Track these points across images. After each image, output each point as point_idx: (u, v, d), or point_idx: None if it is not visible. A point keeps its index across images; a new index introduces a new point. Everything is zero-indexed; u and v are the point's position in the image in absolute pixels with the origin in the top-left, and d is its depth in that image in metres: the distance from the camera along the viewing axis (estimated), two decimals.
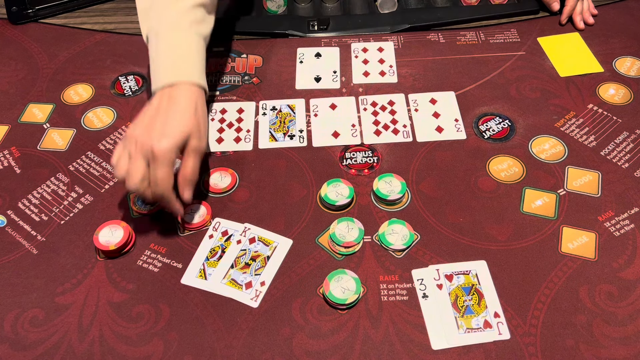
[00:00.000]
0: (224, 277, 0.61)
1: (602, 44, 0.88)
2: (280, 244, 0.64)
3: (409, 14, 0.93)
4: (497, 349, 0.56)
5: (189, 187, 0.62)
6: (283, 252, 0.63)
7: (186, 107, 0.62)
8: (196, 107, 0.63)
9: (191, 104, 0.63)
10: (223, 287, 0.60)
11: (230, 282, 0.61)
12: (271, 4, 0.93)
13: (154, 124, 0.60)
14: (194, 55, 0.66)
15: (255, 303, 0.59)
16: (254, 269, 0.62)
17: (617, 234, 0.64)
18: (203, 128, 0.63)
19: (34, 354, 0.56)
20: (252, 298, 0.59)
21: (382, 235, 0.64)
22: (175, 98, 0.62)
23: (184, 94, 0.63)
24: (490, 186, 0.69)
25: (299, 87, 0.83)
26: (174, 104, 0.62)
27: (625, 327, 0.57)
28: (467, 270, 0.61)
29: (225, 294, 0.60)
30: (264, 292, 0.60)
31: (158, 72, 0.65)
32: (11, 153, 0.75)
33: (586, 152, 0.73)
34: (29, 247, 0.65)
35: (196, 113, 0.63)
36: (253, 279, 0.61)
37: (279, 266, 0.62)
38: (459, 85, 0.82)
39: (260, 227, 0.66)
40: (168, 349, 0.56)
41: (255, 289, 0.60)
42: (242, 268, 0.62)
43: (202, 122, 0.64)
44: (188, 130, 0.61)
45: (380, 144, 0.74)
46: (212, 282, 0.61)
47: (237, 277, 0.61)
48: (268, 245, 0.64)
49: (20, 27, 0.95)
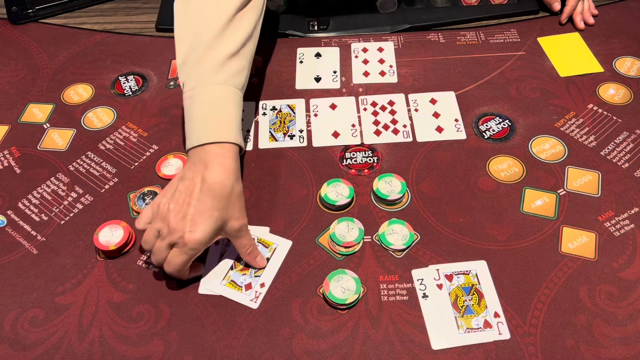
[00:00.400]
0: (223, 279, 0.61)
1: (602, 44, 0.88)
2: (280, 245, 0.64)
3: (409, 14, 0.93)
4: (497, 349, 0.56)
5: (254, 259, 0.61)
6: (283, 253, 0.63)
7: (222, 192, 0.56)
8: (232, 187, 0.57)
9: (227, 184, 0.56)
10: (223, 287, 0.60)
11: (230, 284, 0.61)
12: (271, 4, 0.93)
13: (187, 209, 0.55)
14: (233, 113, 0.61)
15: (255, 304, 0.59)
16: (254, 271, 0.62)
17: (617, 234, 0.64)
18: (239, 207, 0.58)
19: (34, 354, 0.56)
20: (252, 299, 0.59)
21: (382, 235, 0.64)
22: (208, 175, 0.56)
23: (218, 165, 0.57)
24: (490, 186, 0.69)
25: (299, 87, 0.83)
26: (207, 185, 0.56)
27: (625, 327, 0.57)
28: (467, 270, 0.61)
29: (225, 294, 0.60)
30: (263, 293, 0.60)
31: (195, 130, 0.60)
32: (11, 153, 0.75)
33: (586, 152, 0.73)
34: (29, 247, 0.65)
35: (231, 195, 0.57)
36: (253, 281, 0.61)
37: (278, 267, 0.62)
38: (459, 85, 0.82)
39: (260, 227, 0.65)
40: (168, 349, 0.56)
41: (255, 290, 0.60)
42: (241, 270, 0.62)
43: (237, 202, 0.58)
44: (222, 217, 0.56)
45: (380, 144, 0.74)
46: (212, 283, 0.61)
47: (236, 279, 0.61)
48: (267, 247, 0.64)
49: (20, 27, 0.95)
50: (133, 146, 0.75)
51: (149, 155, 0.74)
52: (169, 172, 0.72)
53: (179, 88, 0.83)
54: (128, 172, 0.72)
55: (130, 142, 0.76)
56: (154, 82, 0.84)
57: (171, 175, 0.71)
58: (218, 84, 0.61)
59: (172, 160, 0.73)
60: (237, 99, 0.63)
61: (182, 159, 0.73)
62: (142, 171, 0.72)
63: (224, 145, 0.59)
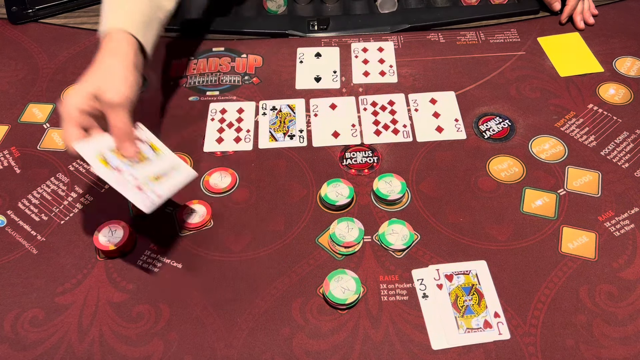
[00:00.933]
0: (98, 151, 0.58)
1: (602, 44, 0.88)
2: (181, 169, 0.62)
3: (409, 14, 0.93)
4: (497, 349, 0.56)
5: (124, 143, 0.60)
6: (181, 179, 0.61)
7: (103, 59, 0.61)
8: (112, 56, 0.61)
9: (109, 56, 0.61)
10: (94, 157, 0.57)
11: (102, 160, 0.57)
12: (271, 4, 0.93)
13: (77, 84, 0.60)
14: (134, 8, 0.65)
15: (110, 177, 0.56)
16: (130, 163, 0.59)
17: (617, 234, 0.64)
18: (118, 82, 0.60)
19: (34, 354, 0.56)
20: (110, 177, 0.56)
21: (382, 235, 0.64)
22: (98, 55, 0.62)
23: (105, 47, 0.62)
24: (490, 186, 0.69)
25: (299, 87, 0.83)
26: (95, 62, 0.61)
27: (625, 327, 0.57)
28: (467, 270, 0.61)
29: (92, 164, 0.56)
30: (157, 203, 0.57)
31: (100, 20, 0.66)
32: (11, 153, 0.75)
33: (586, 152, 0.73)
34: (29, 247, 0.65)
35: (108, 66, 0.60)
36: (126, 169, 0.58)
37: (173, 190, 0.60)
38: (459, 85, 0.82)
39: (169, 151, 0.64)
40: (168, 349, 0.56)
41: (130, 180, 0.57)
42: (120, 154, 0.59)
43: (115, 74, 0.60)
44: (96, 83, 0.59)
45: (380, 144, 0.74)
46: (87, 148, 0.57)
47: (110, 159, 0.57)
48: (155, 151, 0.61)
49: (20, 27, 0.95)
50: None
51: None
52: None
53: (179, 88, 0.83)
54: None
55: None
56: (154, 82, 0.84)
57: None
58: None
59: None
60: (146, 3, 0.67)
61: (183, 158, 0.73)
62: None
63: (114, 31, 0.63)
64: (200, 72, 0.85)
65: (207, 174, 0.71)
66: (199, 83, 0.84)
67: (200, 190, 0.70)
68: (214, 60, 0.87)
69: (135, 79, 0.62)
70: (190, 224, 0.66)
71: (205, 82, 0.84)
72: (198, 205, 0.67)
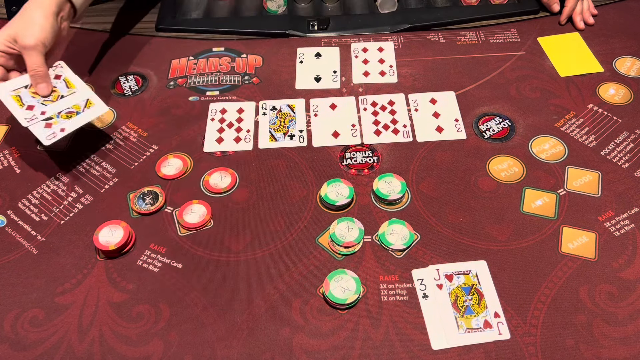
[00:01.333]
0: (13, 90, 0.68)
1: (602, 44, 0.88)
2: (94, 106, 0.70)
3: (409, 14, 0.93)
4: (497, 349, 0.56)
5: (38, 83, 0.69)
6: (90, 113, 0.69)
7: (26, 9, 0.69)
8: (35, 8, 0.69)
9: (32, 7, 0.69)
10: (8, 96, 0.67)
11: (16, 98, 0.68)
12: (271, 4, 0.93)
13: None
14: None
15: (26, 123, 0.66)
16: (42, 99, 0.68)
17: (617, 234, 0.64)
18: (37, 28, 0.68)
19: (34, 354, 0.56)
20: (27, 119, 0.66)
21: (382, 235, 0.64)
22: (27, 3, 0.70)
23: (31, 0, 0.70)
24: (490, 186, 0.69)
25: (299, 87, 0.83)
26: (20, 10, 0.70)
27: (625, 327, 0.57)
28: (467, 270, 0.61)
29: (6, 104, 0.67)
30: (58, 136, 0.66)
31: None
32: (11, 153, 0.75)
33: (586, 152, 0.73)
34: (29, 247, 0.65)
35: (34, 14, 0.68)
36: (38, 106, 0.67)
37: (80, 123, 0.69)
38: (459, 85, 0.82)
39: (84, 85, 0.72)
40: (168, 349, 0.56)
41: (36, 116, 0.67)
42: (33, 92, 0.69)
43: (37, 22, 0.68)
44: (12, 31, 0.68)
45: (380, 144, 0.74)
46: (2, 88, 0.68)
47: (24, 97, 0.68)
48: (69, 88, 0.70)
49: None
50: (133, 146, 0.75)
51: (148, 155, 0.74)
52: (169, 172, 0.72)
53: (179, 88, 0.83)
54: (128, 172, 0.72)
55: (130, 142, 0.76)
56: (154, 82, 0.84)
57: (171, 175, 0.71)
58: None
59: (172, 160, 0.73)
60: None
61: (182, 158, 0.73)
62: (142, 171, 0.72)
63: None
64: (200, 72, 0.85)
65: (207, 174, 0.71)
66: (199, 83, 0.84)
67: (200, 190, 0.70)
68: (214, 60, 0.87)
69: (52, 26, 0.70)
70: (190, 224, 0.66)
71: (205, 82, 0.84)
72: (198, 205, 0.67)
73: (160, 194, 0.69)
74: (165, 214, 0.68)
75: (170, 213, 0.68)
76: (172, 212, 0.68)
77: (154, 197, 0.68)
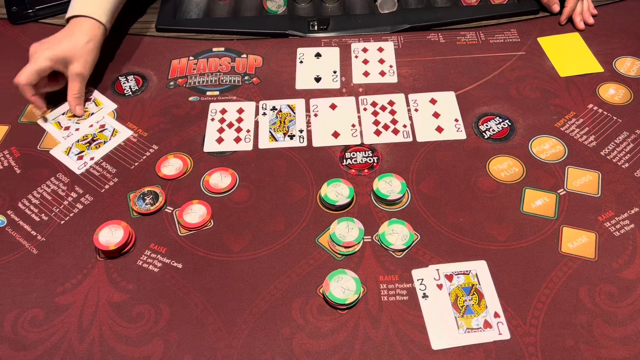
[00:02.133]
0: (54, 118, 0.78)
1: (602, 44, 0.88)
2: (121, 130, 0.76)
3: (409, 14, 0.93)
4: (497, 349, 0.56)
5: (77, 105, 0.78)
6: (118, 139, 0.76)
7: (78, 37, 0.75)
8: (88, 40, 0.76)
9: (84, 36, 0.76)
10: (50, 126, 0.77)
11: (56, 124, 0.78)
12: (271, 4, 0.93)
13: (46, 42, 0.75)
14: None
15: (62, 140, 0.75)
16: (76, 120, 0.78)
17: (617, 234, 0.64)
18: (89, 58, 0.77)
19: (34, 354, 0.56)
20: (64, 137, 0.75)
21: (382, 235, 0.64)
22: (72, 29, 0.76)
23: (81, 27, 0.76)
24: (490, 186, 0.69)
25: (299, 87, 0.83)
26: (67, 34, 0.75)
27: (625, 327, 0.57)
28: (467, 270, 0.61)
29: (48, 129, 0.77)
30: (89, 163, 0.73)
31: (70, 6, 0.79)
32: (11, 153, 0.75)
33: (586, 152, 0.73)
34: (29, 247, 0.65)
35: (86, 44, 0.75)
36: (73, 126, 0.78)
37: (108, 149, 0.75)
38: (459, 85, 0.82)
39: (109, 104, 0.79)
40: (168, 349, 0.56)
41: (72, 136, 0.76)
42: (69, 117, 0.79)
43: (88, 52, 0.76)
44: (70, 52, 0.74)
45: (380, 144, 0.74)
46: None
47: (62, 121, 0.78)
48: (98, 105, 0.80)
49: (20, 27, 0.95)
50: (133, 146, 0.75)
51: (148, 155, 0.74)
52: (169, 172, 0.72)
53: (179, 88, 0.83)
54: (128, 172, 0.72)
55: (130, 142, 0.76)
56: (154, 82, 0.84)
57: (171, 175, 0.71)
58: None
59: (172, 160, 0.73)
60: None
61: (182, 159, 0.73)
62: (142, 171, 0.72)
63: (88, 21, 0.77)
64: (200, 72, 0.85)
65: (207, 174, 0.71)
66: (199, 83, 0.84)
67: (200, 190, 0.70)
68: (214, 60, 0.87)
69: (96, 57, 0.79)
70: (190, 224, 0.66)
71: (205, 82, 0.84)
72: (198, 205, 0.67)
73: (160, 194, 0.69)
74: (165, 214, 0.68)
75: (170, 213, 0.68)
76: (172, 212, 0.68)
77: (154, 197, 0.68)
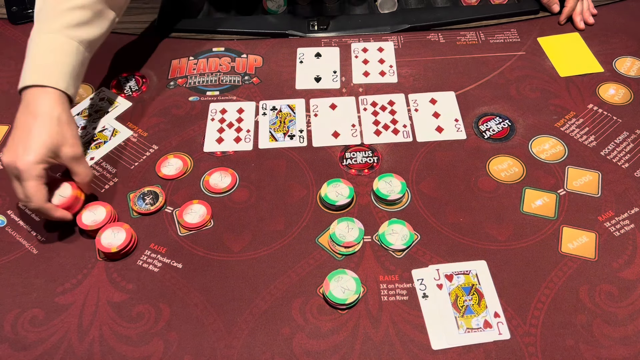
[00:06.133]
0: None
1: (602, 44, 0.88)
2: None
3: (409, 14, 0.93)
4: (497, 349, 0.56)
5: (85, 185, 0.66)
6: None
7: (47, 118, 0.62)
8: (59, 116, 0.63)
9: (53, 114, 0.62)
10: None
11: None
12: (271, 4, 0.93)
13: (17, 143, 0.61)
14: (60, 60, 0.65)
15: None
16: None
17: (617, 234, 0.64)
18: (71, 134, 0.63)
19: (34, 354, 0.56)
20: None
21: (382, 235, 0.64)
22: (35, 112, 0.62)
23: (44, 104, 0.63)
24: (490, 186, 0.69)
25: (299, 87, 0.83)
26: (34, 118, 0.62)
27: (625, 327, 0.57)
28: (467, 270, 0.61)
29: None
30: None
31: (23, 74, 0.65)
32: None
33: (586, 152, 0.73)
34: (29, 247, 0.65)
35: (59, 122, 0.62)
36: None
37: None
38: (459, 85, 0.82)
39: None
40: (168, 349, 0.56)
41: None
42: None
43: (68, 128, 0.63)
44: (53, 142, 0.61)
45: (380, 144, 0.74)
46: None
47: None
48: (111, 103, 0.78)
49: (20, 27, 0.95)
50: (133, 146, 0.75)
51: (148, 155, 0.74)
52: (169, 172, 0.72)
53: (179, 88, 0.83)
54: (128, 172, 0.72)
55: (130, 142, 0.76)
56: (154, 82, 0.84)
57: (171, 175, 0.71)
58: (51, 33, 0.65)
59: (172, 160, 0.73)
60: (69, 49, 0.66)
61: (182, 159, 0.73)
62: (142, 171, 0.72)
63: (50, 94, 0.63)
64: (200, 72, 0.85)
65: (207, 174, 0.71)
66: (199, 83, 0.84)
67: (200, 190, 0.70)
68: (214, 60, 0.87)
69: (76, 127, 0.66)
70: (190, 224, 0.66)
71: (205, 82, 0.84)
72: (198, 205, 0.67)
73: (160, 194, 0.69)
74: (165, 214, 0.68)
75: (170, 213, 0.68)
76: (172, 212, 0.68)
77: (154, 197, 0.68)
